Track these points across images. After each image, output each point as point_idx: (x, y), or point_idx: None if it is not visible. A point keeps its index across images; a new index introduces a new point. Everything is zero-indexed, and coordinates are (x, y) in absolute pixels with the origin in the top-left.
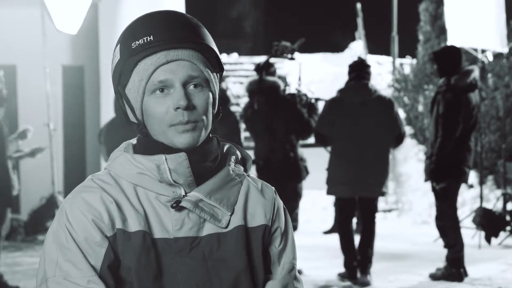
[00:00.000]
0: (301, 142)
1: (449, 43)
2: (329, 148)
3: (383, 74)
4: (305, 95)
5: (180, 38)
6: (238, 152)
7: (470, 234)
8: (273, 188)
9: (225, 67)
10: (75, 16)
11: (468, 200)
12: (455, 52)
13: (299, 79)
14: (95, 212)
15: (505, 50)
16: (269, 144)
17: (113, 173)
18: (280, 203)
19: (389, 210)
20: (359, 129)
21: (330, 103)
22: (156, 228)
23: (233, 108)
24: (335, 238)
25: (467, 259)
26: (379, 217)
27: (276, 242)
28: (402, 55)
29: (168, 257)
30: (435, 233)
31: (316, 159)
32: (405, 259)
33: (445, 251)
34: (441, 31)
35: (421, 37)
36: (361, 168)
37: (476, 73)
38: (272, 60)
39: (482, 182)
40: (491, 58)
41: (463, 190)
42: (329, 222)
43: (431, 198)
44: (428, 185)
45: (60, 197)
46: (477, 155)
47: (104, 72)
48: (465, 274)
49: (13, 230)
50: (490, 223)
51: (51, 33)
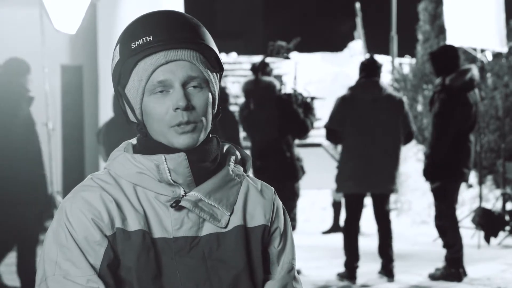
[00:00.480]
0: (297, 141)
1: (448, 42)
2: (338, 148)
3: (382, 73)
4: (301, 94)
5: (179, 38)
6: (237, 153)
7: (469, 234)
8: (273, 188)
9: (224, 66)
10: (74, 16)
11: (467, 200)
12: (452, 52)
13: (295, 79)
14: (94, 211)
15: (504, 49)
16: (265, 144)
17: (112, 173)
18: (280, 204)
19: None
20: (370, 126)
21: (341, 100)
22: (155, 228)
23: (232, 108)
24: (334, 238)
25: (466, 259)
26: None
27: (275, 243)
28: (401, 54)
29: (167, 256)
30: (434, 233)
31: (313, 159)
32: (404, 259)
33: (444, 251)
34: (440, 31)
35: (420, 36)
36: (371, 164)
37: (474, 72)
38: (269, 59)
39: (481, 182)
40: (490, 58)
41: (462, 190)
42: (328, 222)
43: (430, 198)
44: (427, 185)
45: (59, 197)
46: (476, 155)
47: (103, 72)
48: (464, 274)
49: None
50: (489, 223)
51: (50, 33)
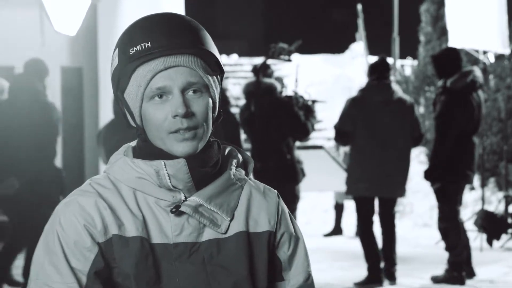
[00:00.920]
0: (298, 144)
1: (450, 44)
2: (346, 148)
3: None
4: (302, 97)
5: (178, 44)
6: (239, 155)
7: (472, 237)
8: (276, 191)
9: (225, 68)
10: (74, 17)
11: (469, 202)
12: (454, 54)
13: (296, 81)
14: (87, 217)
15: (506, 51)
16: (266, 147)
17: (112, 177)
18: (285, 207)
19: None
20: (381, 128)
21: (351, 102)
22: (155, 233)
23: (233, 110)
24: (335, 240)
25: None
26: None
27: (285, 247)
28: (403, 56)
29: (167, 262)
30: (437, 235)
31: (314, 161)
32: (406, 262)
33: (446, 254)
34: (442, 32)
35: (422, 38)
36: (382, 167)
37: (477, 74)
38: (269, 61)
39: (483, 184)
40: (492, 60)
41: (464, 192)
42: (330, 224)
43: (432, 200)
44: (429, 187)
45: (62, 199)
46: (478, 157)
47: (103, 74)
48: (473, 275)
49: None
50: (492, 225)
51: (50, 34)
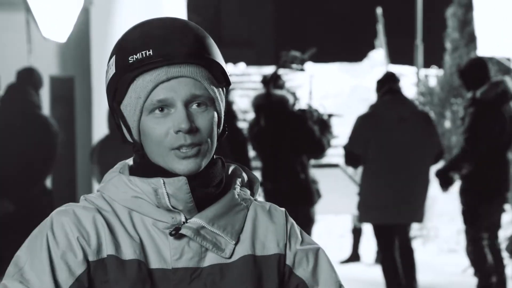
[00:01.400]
0: (312, 162)
1: (479, 52)
2: (358, 170)
3: (406, 86)
4: (317, 110)
5: (182, 53)
6: (244, 174)
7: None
8: (283, 209)
9: (231, 79)
10: (64, 22)
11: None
12: (481, 64)
13: (310, 93)
14: (83, 231)
15: None
16: (277, 165)
17: (106, 196)
18: (293, 224)
19: (413, 238)
20: (396, 149)
21: (362, 119)
22: (152, 258)
23: (240, 125)
24: (353, 268)
25: None
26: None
27: (303, 264)
28: (427, 65)
29: None
30: (464, 262)
31: (330, 181)
32: None
33: (475, 281)
34: (471, 39)
35: (448, 45)
36: (397, 192)
37: (508, 84)
38: (280, 71)
39: None
40: None
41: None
42: (347, 250)
43: (458, 223)
44: (456, 210)
45: None
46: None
47: (96, 84)
48: None
49: None
50: None
51: (37, 41)
